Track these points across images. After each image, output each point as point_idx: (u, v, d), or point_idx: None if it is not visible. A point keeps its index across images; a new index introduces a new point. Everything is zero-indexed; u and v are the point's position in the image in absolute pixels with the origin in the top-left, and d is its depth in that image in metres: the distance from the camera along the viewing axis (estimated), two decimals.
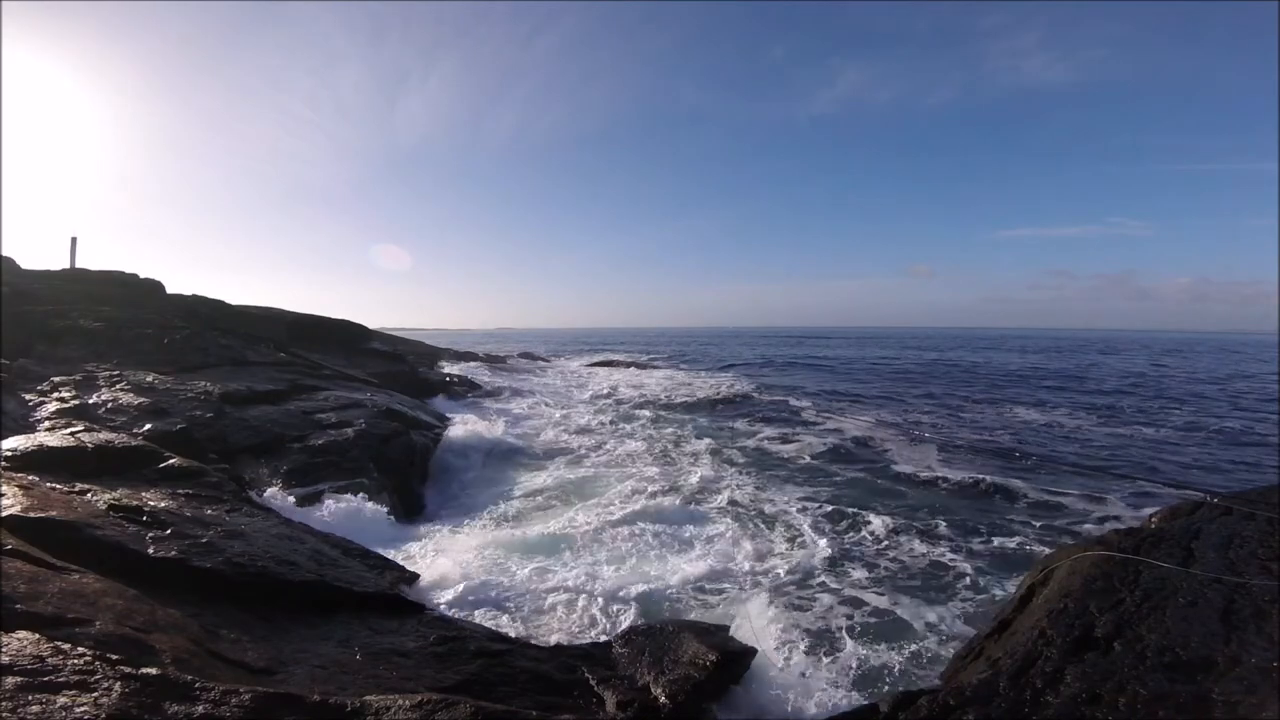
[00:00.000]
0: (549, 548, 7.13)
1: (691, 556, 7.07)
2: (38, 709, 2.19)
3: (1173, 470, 12.33)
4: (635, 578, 6.34)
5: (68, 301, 13.91)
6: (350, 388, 13.88)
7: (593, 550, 7.11)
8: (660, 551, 7.15)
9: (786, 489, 10.33)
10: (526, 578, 6.22)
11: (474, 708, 2.65)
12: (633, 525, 7.93)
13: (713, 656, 4.09)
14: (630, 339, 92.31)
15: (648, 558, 6.95)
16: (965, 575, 6.92)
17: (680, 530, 7.88)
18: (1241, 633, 2.89)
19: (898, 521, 8.71)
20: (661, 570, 6.60)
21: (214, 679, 2.70)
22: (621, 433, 15.31)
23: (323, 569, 4.89)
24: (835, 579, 6.72)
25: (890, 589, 6.52)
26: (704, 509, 8.99)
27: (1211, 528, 4.13)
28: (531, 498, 9.50)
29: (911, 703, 2.75)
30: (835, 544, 7.76)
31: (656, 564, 6.76)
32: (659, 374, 31.91)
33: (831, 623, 5.80)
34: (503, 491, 9.99)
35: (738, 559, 7.05)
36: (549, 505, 9.12)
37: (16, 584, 3.18)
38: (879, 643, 5.42)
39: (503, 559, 6.69)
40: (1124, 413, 20.01)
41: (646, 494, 9.51)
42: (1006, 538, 8.19)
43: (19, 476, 4.96)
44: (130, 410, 8.42)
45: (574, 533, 7.62)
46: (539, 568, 6.48)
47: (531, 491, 9.86)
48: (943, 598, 6.41)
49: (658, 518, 8.27)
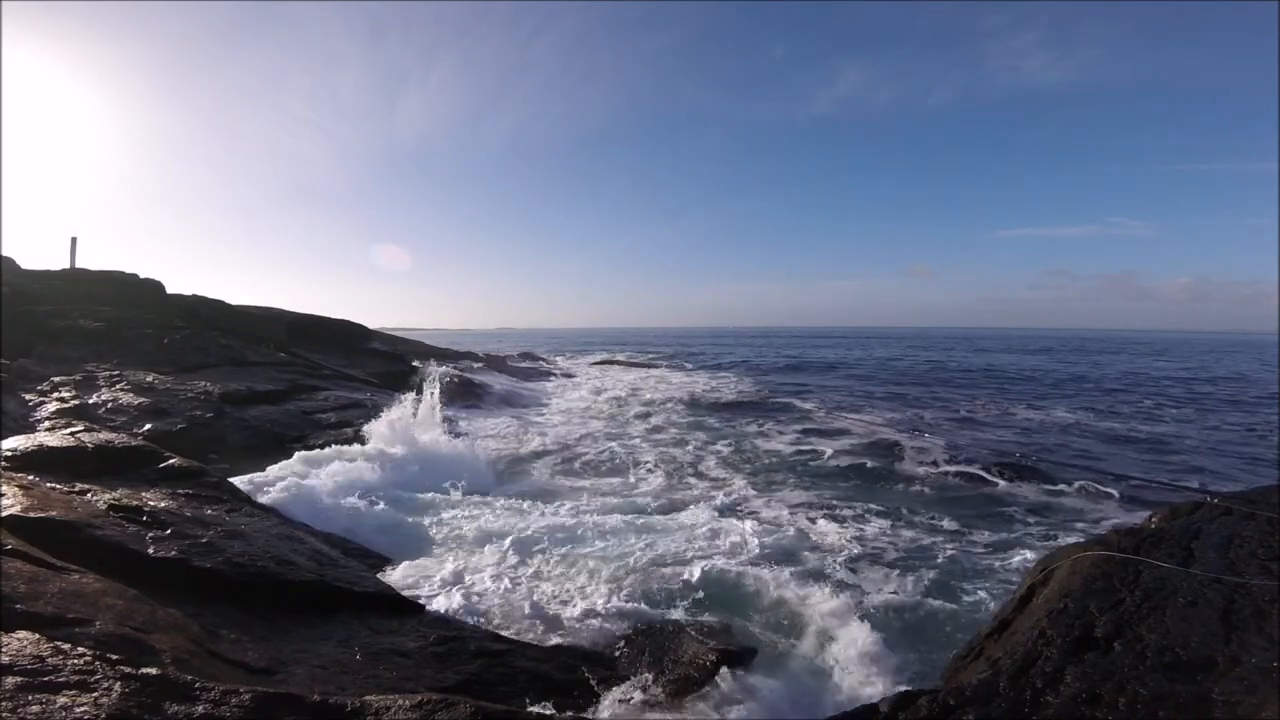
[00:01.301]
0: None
1: (700, 548, 7.07)
2: (38, 709, 2.19)
3: (1173, 470, 12.32)
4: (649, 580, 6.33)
5: (68, 301, 13.91)
6: (350, 388, 13.90)
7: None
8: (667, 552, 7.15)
9: (810, 493, 10.34)
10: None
11: (474, 708, 2.65)
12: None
13: (713, 657, 4.10)
14: (631, 339, 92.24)
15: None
16: (966, 575, 6.92)
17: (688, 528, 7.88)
18: (1241, 633, 2.89)
19: (905, 521, 8.76)
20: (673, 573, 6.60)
21: (214, 679, 2.71)
22: (636, 437, 15.22)
23: (323, 569, 4.89)
24: (843, 577, 6.73)
25: (896, 588, 6.53)
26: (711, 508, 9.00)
27: (1211, 528, 4.12)
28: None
29: (911, 703, 2.75)
30: (845, 541, 7.79)
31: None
32: (670, 376, 31.82)
33: (835, 621, 5.80)
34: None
35: (749, 548, 7.06)
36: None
37: (16, 584, 3.18)
38: (881, 641, 5.42)
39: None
40: (1123, 412, 20.01)
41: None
42: (1007, 536, 8.21)
43: (19, 476, 4.96)
44: (130, 410, 8.42)
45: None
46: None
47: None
48: (946, 596, 6.41)
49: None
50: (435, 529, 7.66)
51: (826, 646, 5.32)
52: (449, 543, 7.28)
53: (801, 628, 5.64)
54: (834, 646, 5.32)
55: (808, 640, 5.40)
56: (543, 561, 6.67)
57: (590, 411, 18.82)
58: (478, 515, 8.10)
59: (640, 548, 7.17)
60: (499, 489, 10.20)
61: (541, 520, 7.92)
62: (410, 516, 7.94)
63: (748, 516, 8.73)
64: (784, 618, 5.77)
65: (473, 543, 7.20)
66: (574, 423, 16.63)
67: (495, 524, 7.77)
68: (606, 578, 6.29)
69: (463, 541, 7.26)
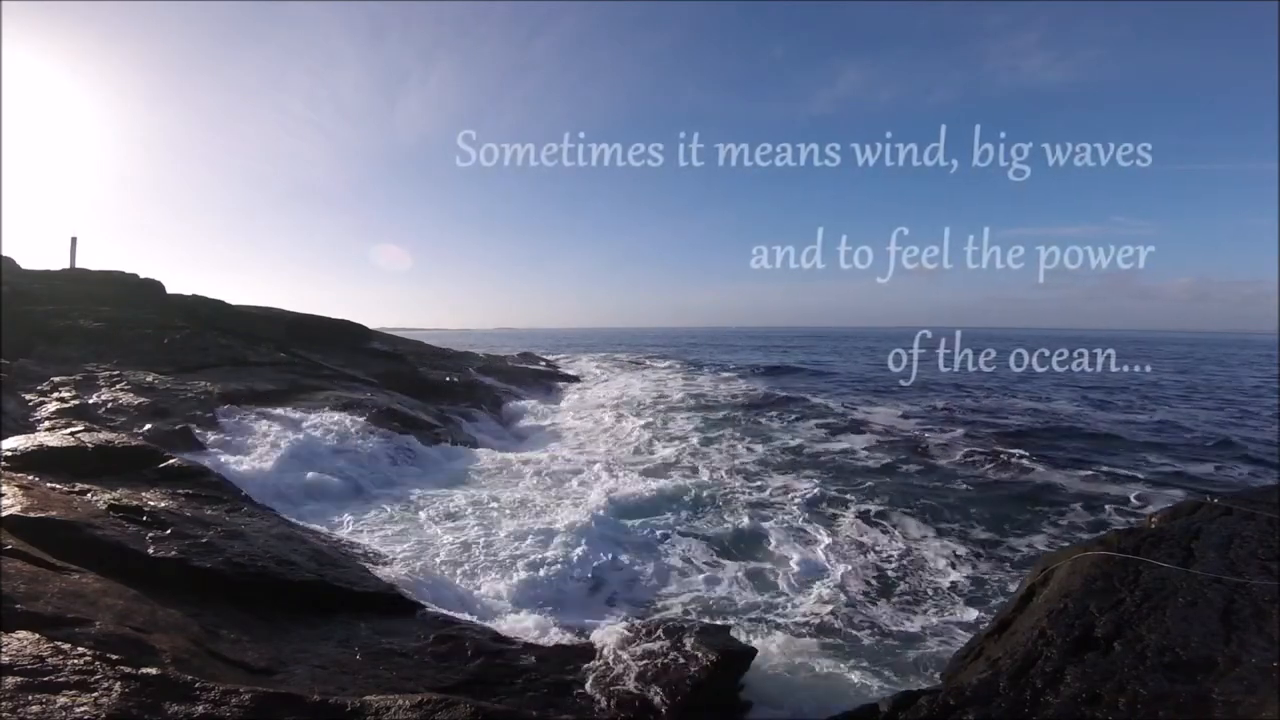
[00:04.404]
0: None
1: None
2: (38, 709, 2.18)
3: (1173, 470, 12.32)
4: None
5: (68, 301, 13.90)
6: (350, 388, 13.88)
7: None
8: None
9: (847, 491, 10.37)
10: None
11: (474, 708, 2.65)
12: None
13: (713, 656, 4.09)
14: (632, 339, 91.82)
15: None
16: (970, 573, 6.94)
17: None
18: (1241, 633, 2.89)
19: (911, 520, 8.82)
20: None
21: (214, 679, 2.70)
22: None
23: (323, 569, 4.89)
24: (850, 580, 6.74)
25: (902, 589, 6.55)
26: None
27: (1211, 528, 4.12)
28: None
29: (911, 703, 2.74)
30: (852, 546, 7.80)
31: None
32: (674, 378, 31.51)
33: (839, 619, 5.81)
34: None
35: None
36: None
37: (16, 584, 3.18)
38: (885, 642, 5.43)
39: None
40: (1123, 412, 19.99)
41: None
42: (1005, 536, 8.22)
43: (19, 476, 4.96)
44: (130, 410, 8.42)
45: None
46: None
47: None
48: (946, 597, 6.42)
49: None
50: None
51: (830, 642, 5.31)
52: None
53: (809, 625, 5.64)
54: (838, 643, 5.32)
55: (811, 639, 5.41)
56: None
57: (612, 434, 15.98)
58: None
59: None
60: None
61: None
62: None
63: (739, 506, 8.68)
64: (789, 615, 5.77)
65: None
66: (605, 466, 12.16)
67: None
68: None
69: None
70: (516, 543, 6.82)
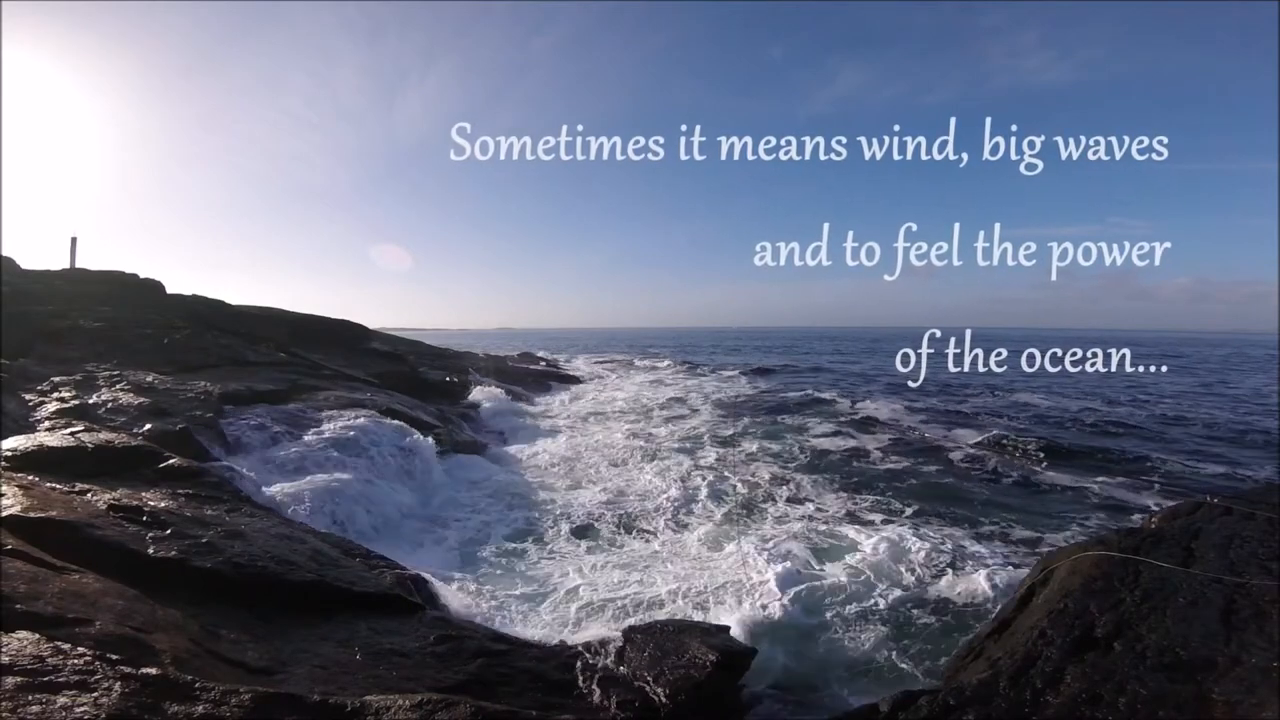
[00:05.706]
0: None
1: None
2: (38, 709, 2.18)
3: (1172, 470, 12.31)
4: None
5: (68, 301, 13.90)
6: (350, 388, 13.87)
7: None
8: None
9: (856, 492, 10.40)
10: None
11: (474, 708, 2.65)
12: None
13: (713, 656, 4.09)
14: (632, 339, 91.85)
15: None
16: (970, 572, 6.93)
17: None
18: (1241, 633, 2.89)
19: (911, 520, 8.85)
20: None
21: (214, 679, 2.70)
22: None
23: (323, 569, 4.88)
24: (852, 583, 6.73)
25: (902, 589, 6.54)
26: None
27: (1211, 528, 4.12)
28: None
29: (912, 703, 2.75)
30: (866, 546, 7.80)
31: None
32: (675, 378, 31.56)
33: (839, 618, 5.80)
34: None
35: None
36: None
37: (16, 584, 3.18)
38: (885, 639, 5.42)
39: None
40: (1123, 412, 19.97)
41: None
42: (1010, 533, 8.23)
43: (19, 476, 4.96)
44: (130, 410, 8.41)
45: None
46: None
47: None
48: (947, 597, 6.41)
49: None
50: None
51: (830, 643, 5.31)
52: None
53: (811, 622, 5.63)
54: (838, 643, 5.31)
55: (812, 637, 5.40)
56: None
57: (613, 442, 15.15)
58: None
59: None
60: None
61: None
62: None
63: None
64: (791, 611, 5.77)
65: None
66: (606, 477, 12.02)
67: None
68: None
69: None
70: (516, 542, 6.81)
